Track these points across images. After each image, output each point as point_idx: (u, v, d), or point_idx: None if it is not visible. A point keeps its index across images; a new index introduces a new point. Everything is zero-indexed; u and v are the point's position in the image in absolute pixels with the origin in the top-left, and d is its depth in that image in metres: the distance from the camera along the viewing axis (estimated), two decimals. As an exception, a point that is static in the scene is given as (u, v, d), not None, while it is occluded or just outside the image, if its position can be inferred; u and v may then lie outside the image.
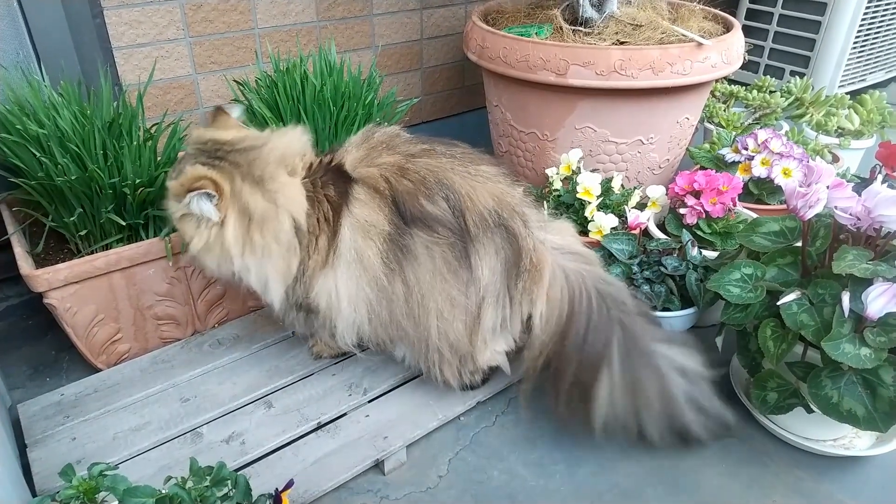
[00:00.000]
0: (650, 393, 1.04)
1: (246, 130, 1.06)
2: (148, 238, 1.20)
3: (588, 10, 1.54)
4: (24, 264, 1.11)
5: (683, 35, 1.48)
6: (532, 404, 1.22)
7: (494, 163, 1.11)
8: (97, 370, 1.23)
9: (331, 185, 1.03)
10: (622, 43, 1.47)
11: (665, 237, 1.34)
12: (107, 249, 1.17)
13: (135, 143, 1.19)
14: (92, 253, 1.17)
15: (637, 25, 1.52)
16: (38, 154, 1.11)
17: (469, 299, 1.03)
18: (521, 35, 1.51)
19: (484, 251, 1.02)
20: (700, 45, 1.43)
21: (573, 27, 1.53)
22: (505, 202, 1.05)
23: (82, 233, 1.18)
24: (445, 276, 1.02)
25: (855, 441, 1.12)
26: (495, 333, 1.09)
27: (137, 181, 1.16)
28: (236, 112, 1.08)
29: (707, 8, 1.72)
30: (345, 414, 1.14)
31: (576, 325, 1.05)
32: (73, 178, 1.11)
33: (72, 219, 1.15)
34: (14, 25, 1.32)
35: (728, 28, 1.60)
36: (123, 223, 1.18)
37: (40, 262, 1.18)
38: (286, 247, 1.01)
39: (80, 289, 1.14)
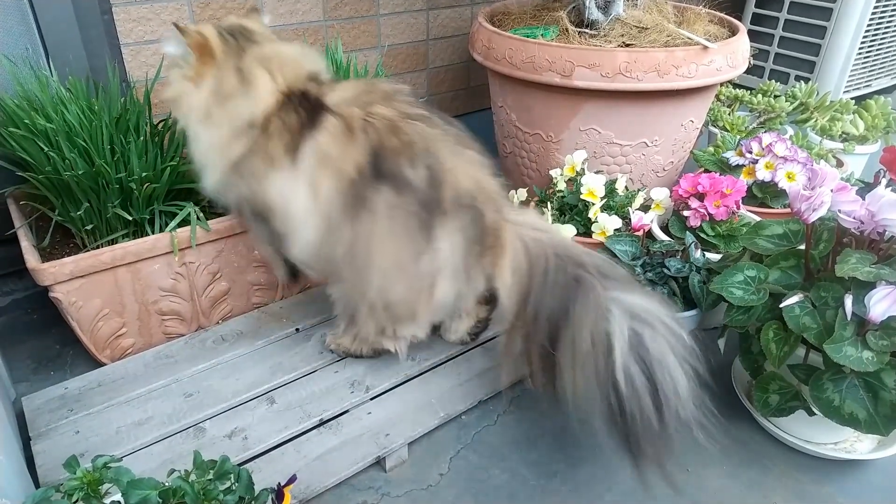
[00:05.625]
0: (586, 339, 0.97)
1: (263, 28, 1.12)
2: (154, 233, 1.21)
3: (594, 13, 1.54)
4: (31, 258, 1.11)
5: (689, 38, 1.48)
6: (534, 404, 1.22)
7: (481, 152, 1.13)
8: (101, 364, 1.24)
9: (304, 108, 1.05)
10: (628, 45, 1.47)
11: (668, 239, 1.34)
12: (113, 244, 1.17)
13: (142, 138, 1.20)
14: (98, 247, 1.17)
15: (643, 28, 1.53)
16: (45, 148, 1.12)
17: (421, 268, 1.04)
18: (527, 36, 1.51)
19: (451, 226, 1.03)
20: (705, 48, 1.43)
21: (579, 29, 1.54)
22: (483, 187, 1.07)
23: (88, 227, 1.19)
24: (401, 240, 1.03)
25: (856, 444, 1.12)
26: (444, 307, 1.10)
27: (144, 175, 1.17)
28: (266, 19, 1.17)
29: (713, 12, 1.73)
30: (347, 411, 1.15)
31: (535, 288, 1.05)
32: (80, 172, 1.12)
33: (78, 213, 1.16)
34: (23, 20, 1.33)
35: (734, 32, 1.61)
36: (130, 218, 1.18)
37: (46, 256, 1.19)
38: (234, 131, 1.05)
39: (85, 283, 1.15)
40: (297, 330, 1.33)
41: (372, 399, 1.18)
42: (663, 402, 0.92)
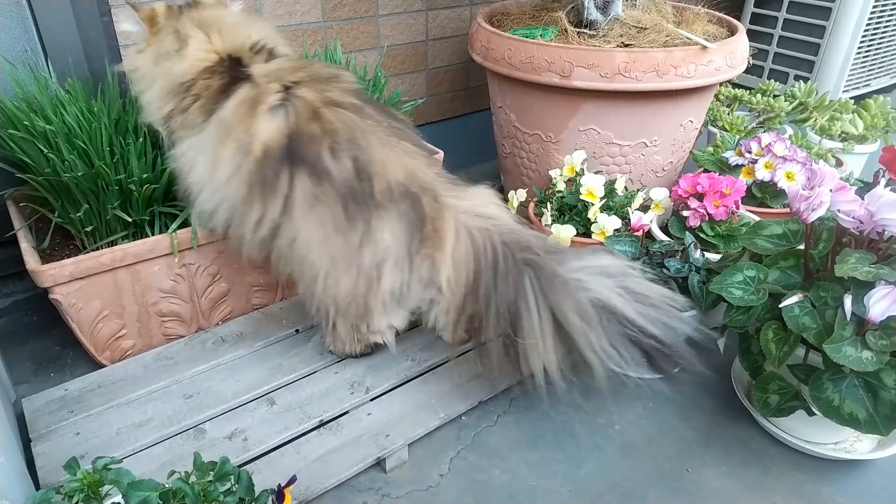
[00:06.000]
0: (572, 314, 1.00)
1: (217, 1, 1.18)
2: (153, 235, 1.21)
3: (593, 13, 1.54)
4: (31, 260, 1.12)
5: (688, 38, 1.49)
6: (534, 405, 1.22)
7: (418, 142, 1.13)
8: (101, 366, 1.24)
9: (230, 74, 1.08)
10: (627, 45, 1.47)
11: (668, 239, 1.34)
12: (112, 246, 1.17)
13: (141, 139, 1.20)
14: (98, 249, 1.17)
15: (641, 28, 1.53)
16: (45, 150, 1.12)
17: (364, 260, 1.04)
18: (526, 37, 1.51)
19: (387, 216, 1.03)
20: (704, 48, 1.43)
21: (578, 29, 1.54)
22: (416, 177, 1.06)
23: (88, 229, 1.19)
24: (327, 232, 1.03)
25: (856, 444, 1.12)
26: (395, 298, 1.09)
27: (144, 176, 1.17)
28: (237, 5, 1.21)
29: (712, 11, 1.73)
30: (347, 412, 1.15)
31: (484, 279, 1.04)
32: (79, 174, 1.12)
33: (78, 215, 1.16)
34: (22, 23, 1.33)
35: (733, 32, 1.61)
36: (129, 219, 1.18)
37: (46, 257, 1.19)
38: (166, 90, 1.10)
39: (85, 285, 1.15)
40: (296, 331, 1.33)
41: (372, 400, 1.18)
42: (670, 324, 1.04)
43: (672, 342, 1.02)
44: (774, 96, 2.00)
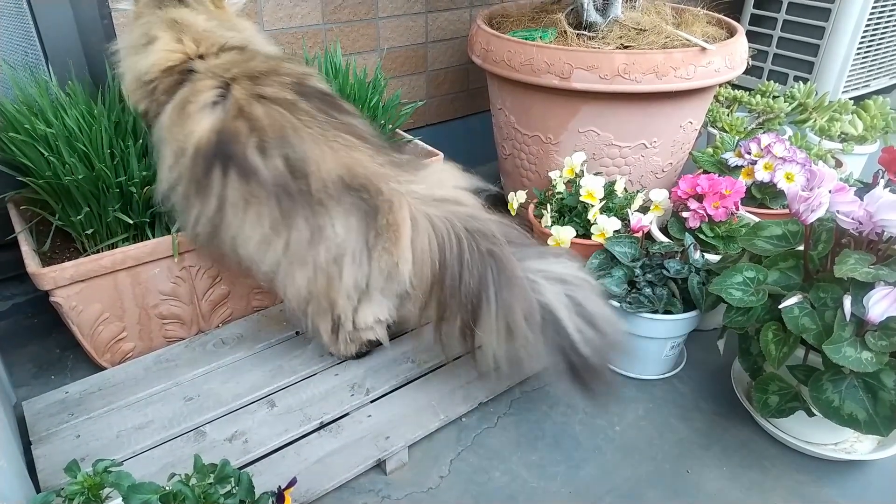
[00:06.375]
0: (519, 315, 1.01)
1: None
2: (154, 237, 1.21)
3: (592, 15, 1.54)
4: (31, 262, 1.12)
5: (687, 40, 1.49)
6: (534, 406, 1.22)
7: (363, 133, 1.09)
8: (102, 368, 1.24)
9: (180, 72, 1.09)
10: (626, 47, 1.48)
11: (668, 240, 1.35)
12: (113, 248, 1.18)
13: (140, 141, 1.20)
14: (98, 252, 1.18)
15: (641, 30, 1.53)
16: (45, 153, 1.12)
17: (320, 258, 1.03)
18: (526, 39, 1.51)
19: (335, 212, 1.01)
20: (704, 49, 1.43)
21: (577, 31, 1.54)
22: (357, 171, 1.03)
23: (89, 231, 1.19)
24: (268, 233, 1.03)
25: (856, 445, 1.12)
26: (360, 291, 1.08)
27: (144, 174, 1.17)
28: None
29: (711, 13, 1.73)
30: (347, 414, 1.15)
31: (450, 269, 1.04)
32: (80, 177, 1.12)
33: (78, 217, 1.16)
34: (23, 26, 1.33)
35: (732, 33, 1.61)
36: (130, 222, 1.18)
37: (47, 260, 1.19)
38: (134, 83, 1.14)
39: (85, 287, 1.15)
40: (296, 333, 1.33)
41: (372, 402, 1.18)
42: (612, 341, 1.05)
43: (597, 366, 1.03)
44: (774, 97, 2.01)
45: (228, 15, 1.20)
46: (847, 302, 0.95)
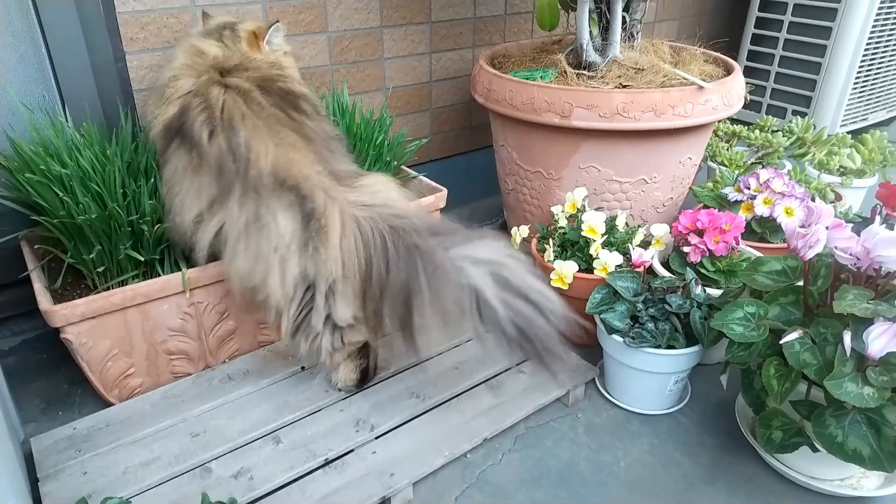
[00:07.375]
0: (449, 300, 1.05)
1: (250, 27, 1.32)
2: (163, 273, 1.23)
3: (591, 55, 1.59)
4: (43, 300, 1.14)
5: (685, 78, 1.52)
6: (538, 442, 1.22)
7: (313, 136, 1.19)
8: (109, 404, 1.25)
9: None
10: (625, 86, 1.51)
11: (669, 275, 1.36)
12: (123, 285, 1.20)
13: (152, 180, 1.23)
14: (108, 289, 1.20)
15: (639, 69, 1.57)
16: (60, 193, 1.15)
17: (261, 246, 1.08)
18: (527, 78, 1.55)
19: (274, 204, 1.09)
20: (701, 88, 1.47)
21: (577, 71, 1.58)
22: (291, 171, 1.11)
23: (100, 269, 1.21)
24: (204, 207, 1.14)
25: (863, 481, 1.12)
26: (307, 282, 1.10)
27: (153, 210, 1.21)
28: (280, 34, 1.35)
29: (708, 51, 1.77)
30: (352, 450, 1.15)
31: (376, 266, 1.07)
32: (93, 216, 1.15)
33: (91, 256, 1.18)
34: (41, 70, 1.38)
35: (729, 71, 1.65)
36: (141, 259, 1.21)
37: (57, 297, 1.21)
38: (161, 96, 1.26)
39: (96, 324, 1.17)
40: (302, 368, 1.34)
41: (377, 438, 1.18)
42: (546, 312, 1.07)
43: (539, 336, 1.06)
44: (772, 132, 2.04)
45: (265, 54, 1.31)
46: (847, 337, 0.96)
